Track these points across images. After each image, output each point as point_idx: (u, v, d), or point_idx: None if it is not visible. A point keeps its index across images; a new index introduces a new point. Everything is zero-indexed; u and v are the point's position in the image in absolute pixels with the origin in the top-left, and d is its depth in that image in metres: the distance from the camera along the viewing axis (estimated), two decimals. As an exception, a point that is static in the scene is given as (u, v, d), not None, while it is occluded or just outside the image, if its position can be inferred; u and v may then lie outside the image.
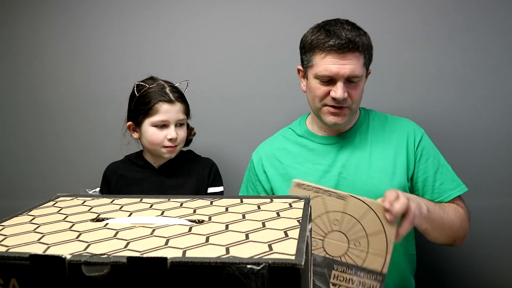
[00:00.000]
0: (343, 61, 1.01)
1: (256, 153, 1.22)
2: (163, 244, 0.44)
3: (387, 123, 1.15)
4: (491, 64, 1.28)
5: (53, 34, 1.56)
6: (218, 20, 1.45)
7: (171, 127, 1.19)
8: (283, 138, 1.21)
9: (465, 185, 1.11)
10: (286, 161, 1.16)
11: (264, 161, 1.19)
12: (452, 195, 1.09)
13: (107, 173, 1.29)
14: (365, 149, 1.11)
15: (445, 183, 1.09)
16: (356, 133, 1.14)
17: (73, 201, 0.64)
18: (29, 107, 1.59)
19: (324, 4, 1.36)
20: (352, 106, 1.06)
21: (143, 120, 1.19)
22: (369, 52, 1.06)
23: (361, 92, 1.07)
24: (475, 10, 1.28)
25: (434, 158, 1.11)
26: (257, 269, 0.37)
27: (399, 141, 1.11)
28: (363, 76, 1.05)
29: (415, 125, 1.14)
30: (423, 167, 1.09)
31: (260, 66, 1.43)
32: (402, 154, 1.09)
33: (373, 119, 1.16)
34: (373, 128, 1.14)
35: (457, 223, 1.05)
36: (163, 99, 1.17)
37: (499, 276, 1.31)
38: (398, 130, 1.12)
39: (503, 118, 1.28)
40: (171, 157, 1.23)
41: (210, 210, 0.56)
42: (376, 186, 1.05)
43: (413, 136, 1.11)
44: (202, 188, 1.26)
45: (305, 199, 0.60)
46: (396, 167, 1.08)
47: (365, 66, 1.05)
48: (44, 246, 0.45)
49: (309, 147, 1.15)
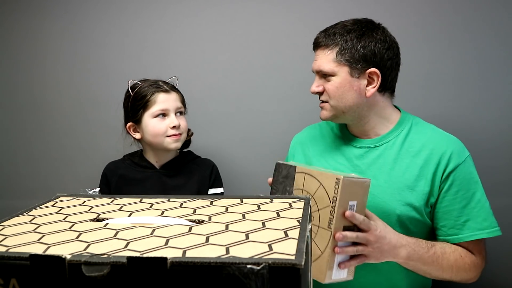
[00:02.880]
0: (316, 56, 1.07)
1: (296, 136, 1.26)
2: (163, 244, 0.44)
3: (425, 137, 1.05)
4: (491, 64, 1.28)
5: (53, 34, 1.56)
6: (218, 20, 1.45)
7: (171, 115, 1.20)
8: (323, 128, 1.21)
9: (499, 228, 1.00)
10: (314, 151, 1.16)
11: (298, 145, 1.22)
12: (477, 235, 0.98)
13: (107, 173, 1.29)
14: (389, 161, 1.04)
15: (471, 221, 0.99)
16: (387, 141, 1.06)
17: (73, 201, 0.64)
18: (29, 107, 1.59)
19: (324, 5, 1.36)
20: (330, 102, 1.04)
21: (142, 115, 1.20)
22: (347, 50, 1.01)
23: (335, 89, 1.02)
24: (475, 10, 1.28)
25: (467, 191, 0.99)
26: (257, 269, 0.37)
27: (428, 162, 1.00)
28: (335, 71, 1.02)
29: (456, 148, 1.01)
30: (448, 199, 1.00)
31: (260, 66, 1.43)
32: (427, 178, 1.00)
33: (413, 129, 1.07)
34: (408, 140, 1.05)
35: (449, 272, 0.98)
36: (159, 90, 1.20)
37: (499, 276, 1.31)
38: (433, 149, 1.01)
39: (503, 118, 1.28)
40: (177, 147, 1.23)
41: (210, 210, 0.56)
42: (386, 203, 1.00)
43: (446, 161, 0.99)
44: (203, 189, 1.27)
45: (305, 199, 0.60)
46: (415, 190, 1.00)
47: (336, 62, 1.01)
48: (44, 246, 0.45)
49: (338, 143, 1.14)
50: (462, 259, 0.99)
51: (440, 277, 1.00)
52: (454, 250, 0.99)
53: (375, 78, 1.03)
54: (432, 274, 1.00)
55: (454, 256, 0.98)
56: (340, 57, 1.01)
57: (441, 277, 1.00)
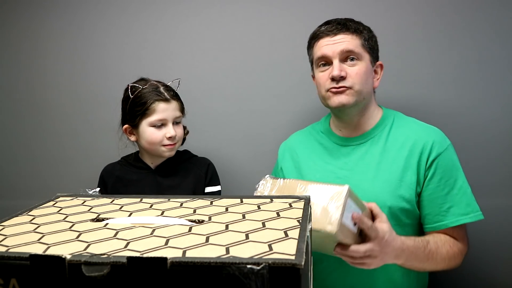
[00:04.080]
0: (335, 40, 1.05)
1: (284, 143, 1.26)
2: (163, 244, 0.44)
3: (408, 129, 1.08)
4: (491, 64, 1.28)
5: (53, 34, 1.56)
6: (217, 20, 1.45)
7: (169, 125, 1.19)
8: (309, 132, 1.22)
9: (481, 212, 1.02)
10: (302, 155, 1.17)
11: (286, 151, 1.22)
12: (460, 220, 1.01)
13: (104, 175, 1.29)
14: (376, 155, 1.06)
15: (455, 207, 1.02)
16: (372, 136, 1.09)
17: (73, 201, 0.64)
18: (29, 107, 1.59)
19: (324, 4, 1.36)
20: (355, 87, 1.04)
21: (140, 121, 1.19)
22: (369, 39, 1.07)
23: (362, 74, 1.04)
24: (474, 10, 1.28)
25: (449, 178, 1.02)
26: (257, 269, 0.36)
27: (412, 152, 1.03)
28: (361, 56, 1.04)
29: (437, 137, 1.05)
30: (432, 187, 1.02)
31: (260, 66, 1.43)
32: (412, 168, 1.02)
33: (395, 123, 1.10)
34: (392, 134, 1.08)
35: (442, 264, 1.01)
36: (159, 99, 1.17)
37: (499, 276, 1.31)
38: (416, 140, 1.04)
39: (503, 118, 1.28)
40: (171, 155, 1.23)
41: (210, 210, 0.56)
42: (377, 196, 1.00)
43: (428, 150, 1.02)
44: (199, 188, 1.26)
45: (305, 199, 0.60)
46: (403, 180, 1.02)
47: (363, 48, 1.05)
48: (44, 246, 0.45)
49: (325, 145, 1.15)
50: (452, 248, 1.01)
51: (433, 269, 1.03)
52: (444, 242, 1.02)
53: (379, 70, 1.11)
54: (426, 269, 1.02)
55: (445, 248, 1.01)
56: (366, 44, 1.06)
57: (434, 269, 1.02)
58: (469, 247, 1.08)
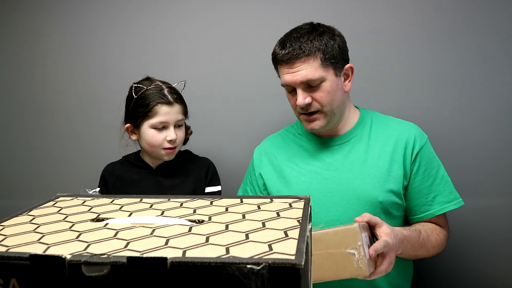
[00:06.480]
0: (293, 69, 1.03)
1: (258, 147, 1.24)
2: (163, 244, 0.44)
3: (388, 127, 1.12)
4: (491, 64, 1.28)
5: (53, 34, 1.56)
6: (217, 20, 1.45)
7: (170, 128, 1.18)
8: (285, 136, 1.21)
9: (462, 199, 1.09)
10: (282, 159, 1.16)
11: (263, 156, 1.20)
12: (446, 208, 1.07)
13: (104, 174, 1.29)
14: (360, 153, 1.09)
15: (440, 196, 1.07)
16: (354, 136, 1.12)
17: (73, 201, 0.64)
18: (29, 107, 1.59)
19: (324, 4, 1.36)
20: (324, 109, 1.05)
21: (142, 122, 1.19)
22: (329, 52, 1.02)
23: (327, 94, 1.03)
24: (475, 10, 1.27)
25: (432, 169, 1.08)
26: (257, 269, 0.36)
27: (396, 147, 1.07)
28: (323, 76, 1.02)
29: (417, 132, 1.10)
30: (419, 179, 1.07)
31: (259, 66, 1.43)
32: (398, 162, 1.06)
33: (374, 121, 1.13)
34: (373, 132, 1.11)
35: (431, 252, 1.06)
36: (162, 101, 1.16)
37: (499, 276, 1.31)
38: (398, 136, 1.09)
39: (503, 118, 1.28)
40: (169, 159, 1.23)
41: (210, 210, 0.56)
42: (367, 192, 1.04)
43: (412, 144, 1.07)
44: (199, 188, 1.26)
45: (305, 199, 0.60)
46: (390, 175, 1.05)
47: (323, 66, 1.02)
48: (44, 246, 0.45)
49: (306, 147, 1.15)
50: (439, 236, 1.07)
51: (423, 257, 1.07)
52: (432, 230, 1.06)
53: (349, 72, 1.09)
54: (417, 256, 1.07)
55: (434, 236, 1.05)
56: (325, 61, 1.02)
57: (425, 256, 1.06)
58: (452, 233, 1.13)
